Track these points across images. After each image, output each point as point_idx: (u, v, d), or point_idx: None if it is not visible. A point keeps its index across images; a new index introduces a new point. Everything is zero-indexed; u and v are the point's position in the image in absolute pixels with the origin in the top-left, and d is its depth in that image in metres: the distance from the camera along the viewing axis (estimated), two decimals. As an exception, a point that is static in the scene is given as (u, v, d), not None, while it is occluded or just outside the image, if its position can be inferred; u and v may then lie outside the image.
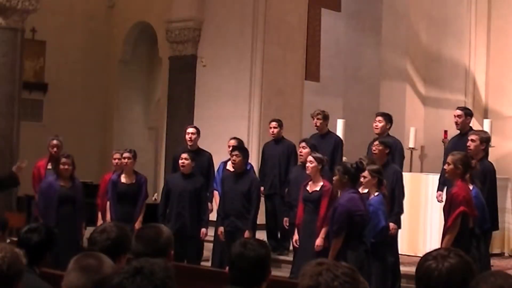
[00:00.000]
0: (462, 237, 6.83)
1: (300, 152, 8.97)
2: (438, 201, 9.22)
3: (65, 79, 15.17)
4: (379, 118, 9.28)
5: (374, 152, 8.34)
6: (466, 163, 7.00)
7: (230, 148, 9.50)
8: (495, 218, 8.13)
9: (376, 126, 9.23)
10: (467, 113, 9.15)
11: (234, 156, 8.92)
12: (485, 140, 8.12)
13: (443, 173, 9.00)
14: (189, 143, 9.88)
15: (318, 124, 9.96)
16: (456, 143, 8.85)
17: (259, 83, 12.95)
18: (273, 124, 10.40)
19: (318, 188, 8.09)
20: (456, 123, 9.09)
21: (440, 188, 9.16)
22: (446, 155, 9.00)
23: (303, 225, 8.23)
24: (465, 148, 7.89)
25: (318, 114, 10.00)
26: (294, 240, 8.43)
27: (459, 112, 9.14)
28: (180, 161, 9.15)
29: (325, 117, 10.02)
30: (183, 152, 9.32)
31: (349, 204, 7.11)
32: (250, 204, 8.88)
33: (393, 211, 8.11)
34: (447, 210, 6.94)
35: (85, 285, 3.03)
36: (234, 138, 9.95)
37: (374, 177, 7.52)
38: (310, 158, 8.18)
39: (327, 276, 2.49)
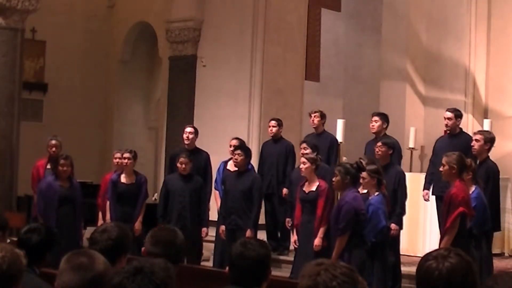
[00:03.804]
0: (460, 238, 6.85)
1: (303, 153, 8.95)
2: (425, 199, 9.26)
3: (65, 79, 15.16)
4: (376, 118, 9.31)
5: (378, 153, 8.36)
6: (460, 162, 6.98)
7: (232, 148, 9.52)
8: (497, 219, 8.12)
9: (373, 126, 9.26)
10: (458, 115, 9.13)
11: (237, 155, 8.95)
12: (489, 140, 8.13)
13: (429, 172, 9.06)
14: (186, 142, 9.90)
15: (315, 122, 9.99)
16: (447, 144, 8.80)
17: (259, 83, 12.93)
18: (273, 123, 10.40)
19: (314, 188, 8.11)
20: (446, 125, 9.05)
21: (426, 187, 9.20)
22: (434, 155, 9.03)
23: (301, 225, 8.25)
24: (457, 149, 7.79)
25: (315, 112, 10.07)
26: (293, 240, 8.44)
27: (449, 114, 9.08)
28: (179, 166, 9.19)
29: (322, 116, 10.07)
30: (181, 154, 9.33)
31: (354, 202, 7.26)
32: (252, 202, 8.90)
33: (395, 211, 8.12)
34: (446, 210, 6.94)
35: (78, 284, 3.01)
36: (236, 138, 9.94)
37: (373, 178, 7.54)
38: (303, 159, 8.23)
39: (325, 276, 2.49)
